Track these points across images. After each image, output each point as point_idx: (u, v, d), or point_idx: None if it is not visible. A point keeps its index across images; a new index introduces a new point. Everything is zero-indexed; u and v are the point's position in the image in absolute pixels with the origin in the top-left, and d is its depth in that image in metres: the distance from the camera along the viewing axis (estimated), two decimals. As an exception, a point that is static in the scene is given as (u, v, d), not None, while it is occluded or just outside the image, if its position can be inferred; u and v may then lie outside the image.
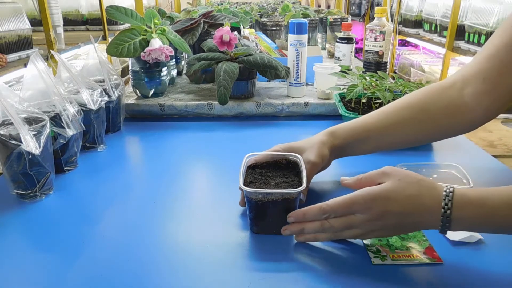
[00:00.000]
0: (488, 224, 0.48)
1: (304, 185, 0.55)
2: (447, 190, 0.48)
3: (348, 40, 1.38)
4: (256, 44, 1.38)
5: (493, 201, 0.47)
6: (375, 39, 1.30)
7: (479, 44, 2.36)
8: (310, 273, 0.49)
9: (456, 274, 0.49)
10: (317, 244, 0.54)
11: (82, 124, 0.74)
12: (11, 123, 0.63)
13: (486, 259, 0.51)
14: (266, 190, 0.56)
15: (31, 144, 0.62)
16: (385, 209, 0.49)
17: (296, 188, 0.56)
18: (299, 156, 0.63)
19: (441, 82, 0.70)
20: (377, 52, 1.31)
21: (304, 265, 0.51)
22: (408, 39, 3.61)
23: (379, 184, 0.51)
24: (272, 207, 0.55)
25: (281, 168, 0.64)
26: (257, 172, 0.62)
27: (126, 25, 1.34)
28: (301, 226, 0.54)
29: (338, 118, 0.99)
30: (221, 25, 1.24)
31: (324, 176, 0.69)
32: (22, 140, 0.61)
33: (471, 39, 2.44)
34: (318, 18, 2.02)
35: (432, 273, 0.49)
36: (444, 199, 0.48)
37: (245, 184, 0.57)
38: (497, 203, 0.47)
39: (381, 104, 0.89)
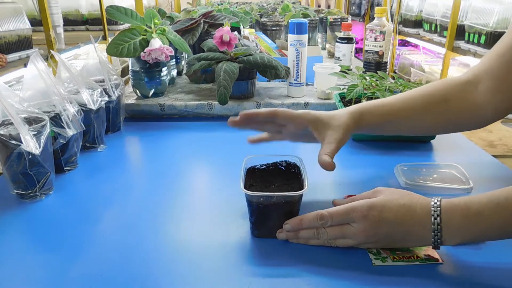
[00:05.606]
0: (478, 227, 0.48)
1: (306, 188, 0.54)
2: (436, 200, 0.50)
3: (348, 40, 1.38)
4: (256, 44, 1.38)
5: (479, 202, 0.49)
6: (375, 39, 1.30)
7: (479, 44, 2.36)
8: (311, 276, 0.49)
9: (456, 274, 0.49)
10: (318, 247, 0.54)
11: (82, 124, 0.74)
12: (11, 123, 0.63)
13: (486, 259, 0.51)
14: (268, 193, 0.55)
15: (31, 144, 0.62)
16: (380, 217, 0.50)
17: (297, 190, 0.55)
18: (299, 158, 0.62)
19: (457, 77, 0.70)
20: (377, 52, 1.31)
21: (305, 268, 0.51)
22: (408, 39, 3.61)
23: None
24: (274, 211, 0.55)
25: (280, 171, 0.63)
26: (257, 175, 0.62)
27: (126, 25, 1.34)
28: (297, 232, 0.54)
29: (338, 118, 0.99)
30: (221, 25, 1.24)
31: (325, 180, 0.69)
32: (22, 140, 0.61)
33: (471, 39, 2.44)
34: (318, 18, 2.02)
35: (432, 273, 0.49)
36: (433, 206, 0.50)
37: (245, 187, 0.55)
38: (483, 203, 0.49)
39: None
